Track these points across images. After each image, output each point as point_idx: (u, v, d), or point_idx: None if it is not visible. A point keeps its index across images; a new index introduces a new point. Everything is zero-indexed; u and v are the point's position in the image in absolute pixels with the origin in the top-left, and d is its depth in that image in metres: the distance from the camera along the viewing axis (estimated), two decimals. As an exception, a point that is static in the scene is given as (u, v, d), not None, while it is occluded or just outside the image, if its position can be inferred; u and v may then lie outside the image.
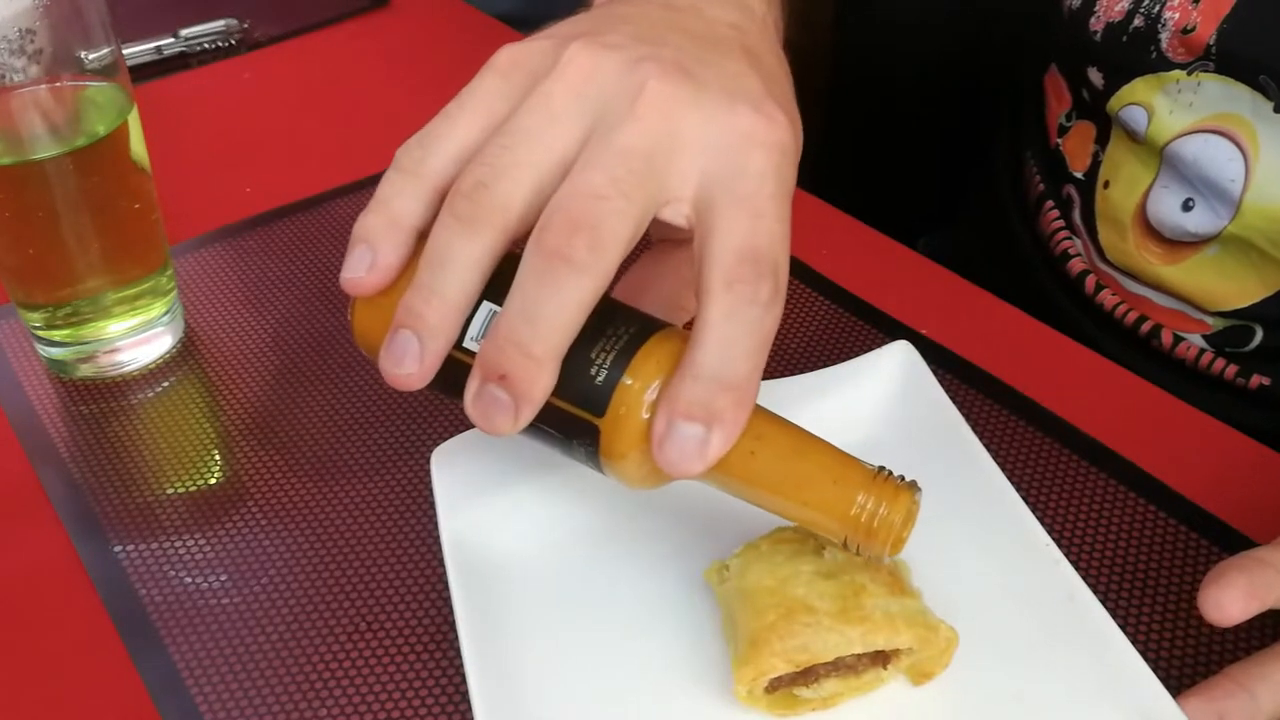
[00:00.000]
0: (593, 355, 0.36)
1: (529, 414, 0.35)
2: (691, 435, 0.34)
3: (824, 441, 0.38)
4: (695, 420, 0.34)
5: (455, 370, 0.37)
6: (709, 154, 0.37)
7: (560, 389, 0.36)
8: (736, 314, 0.35)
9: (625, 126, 0.36)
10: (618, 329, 0.37)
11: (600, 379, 0.36)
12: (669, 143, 0.36)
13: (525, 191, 0.36)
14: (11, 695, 0.43)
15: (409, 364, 0.36)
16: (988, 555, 0.43)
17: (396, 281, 0.38)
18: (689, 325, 0.36)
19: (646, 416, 0.36)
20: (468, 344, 0.37)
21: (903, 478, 0.37)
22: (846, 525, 0.37)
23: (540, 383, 0.35)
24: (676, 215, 0.37)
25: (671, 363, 0.36)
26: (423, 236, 0.37)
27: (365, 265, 0.37)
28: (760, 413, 0.37)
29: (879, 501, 0.36)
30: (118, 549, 0.47)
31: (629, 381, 0.36)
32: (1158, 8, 0.57)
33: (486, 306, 0.37)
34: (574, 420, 0.37)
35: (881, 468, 0.37)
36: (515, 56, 0.39)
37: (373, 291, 0.38)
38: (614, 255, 0.35)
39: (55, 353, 0.55)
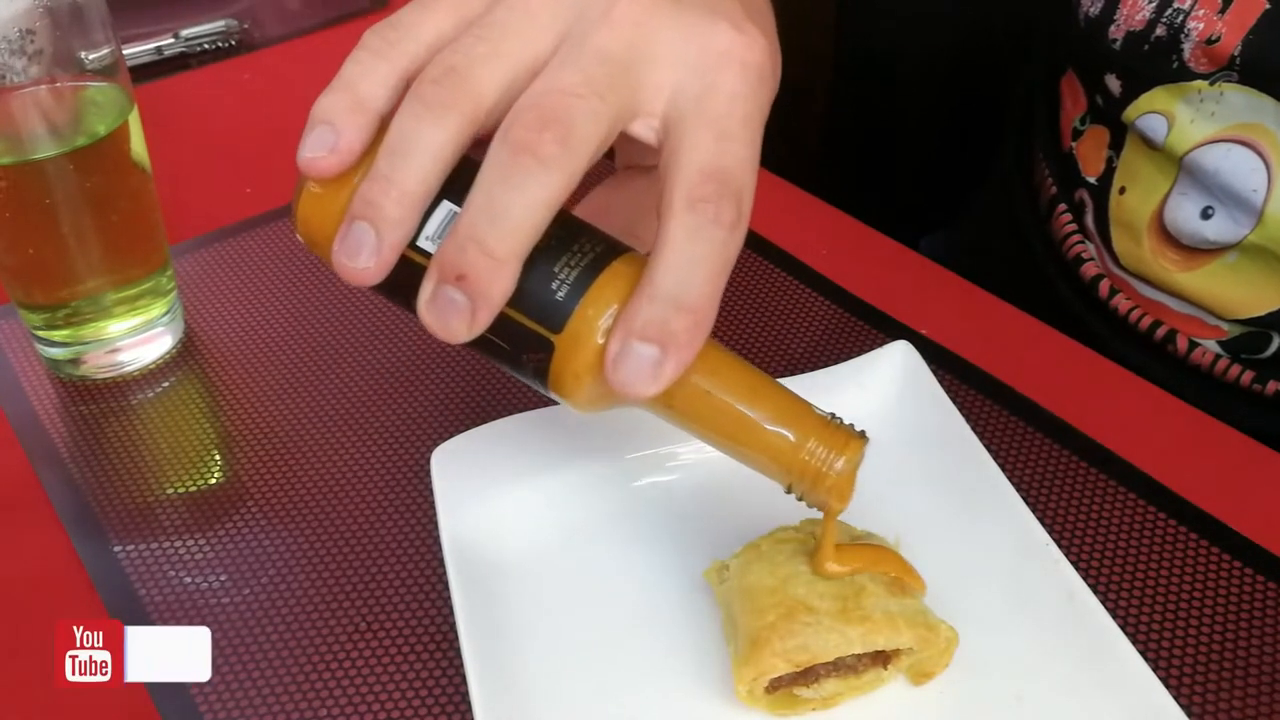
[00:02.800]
0: (555, 269, 0.35)
1: (486, 319, 0.34)
2: (646, 356, 0.33)
3: (778, 384, 0.37)
4: (650, 341, 0.33)
5: (408, 270, 0.35)
6: (684, 70, 0.35)
7: (518, 300, 0.34)
8: (698, 234, 0.33)
9: (601, 30, 0.35)
10: (583, 245, 0.36)
11: (561, 294, 0.35)
12: (644, 53, 0.35)
13: (498, 82, 0.35)
14: (12, 695, 0.43)
15: (364, 258, 0.35)
16: (988, 555, 0.43)
17: (350, 170, 0.36)
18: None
19: (602, 340, 0.34)
20: (422, 243, 0.35)
21: (853, 426, 0.37)
22: (794, 470, 0.36)
23: (499, 284, 0.33)
24: (646, 130, 0.36)
25: (633, 288, 0.34)
26: (383, 125, 0.36)
27: (327, 146, 0.36)
28: (717, 348, 0.36)
29: (828, 449, 0.36)
30: (118, 549, 0.47)
31: (591, 300, 0.35)
32: (1181, 18, 0.56)
33: (445, 205, 0.35)
34: (527, 334, 0.35)
35: (833, 414, 0.37)
36: None
37: (332, 174, 0.36)
38: (584, 155, 0.34)
39: (55, 353, 0.55)
